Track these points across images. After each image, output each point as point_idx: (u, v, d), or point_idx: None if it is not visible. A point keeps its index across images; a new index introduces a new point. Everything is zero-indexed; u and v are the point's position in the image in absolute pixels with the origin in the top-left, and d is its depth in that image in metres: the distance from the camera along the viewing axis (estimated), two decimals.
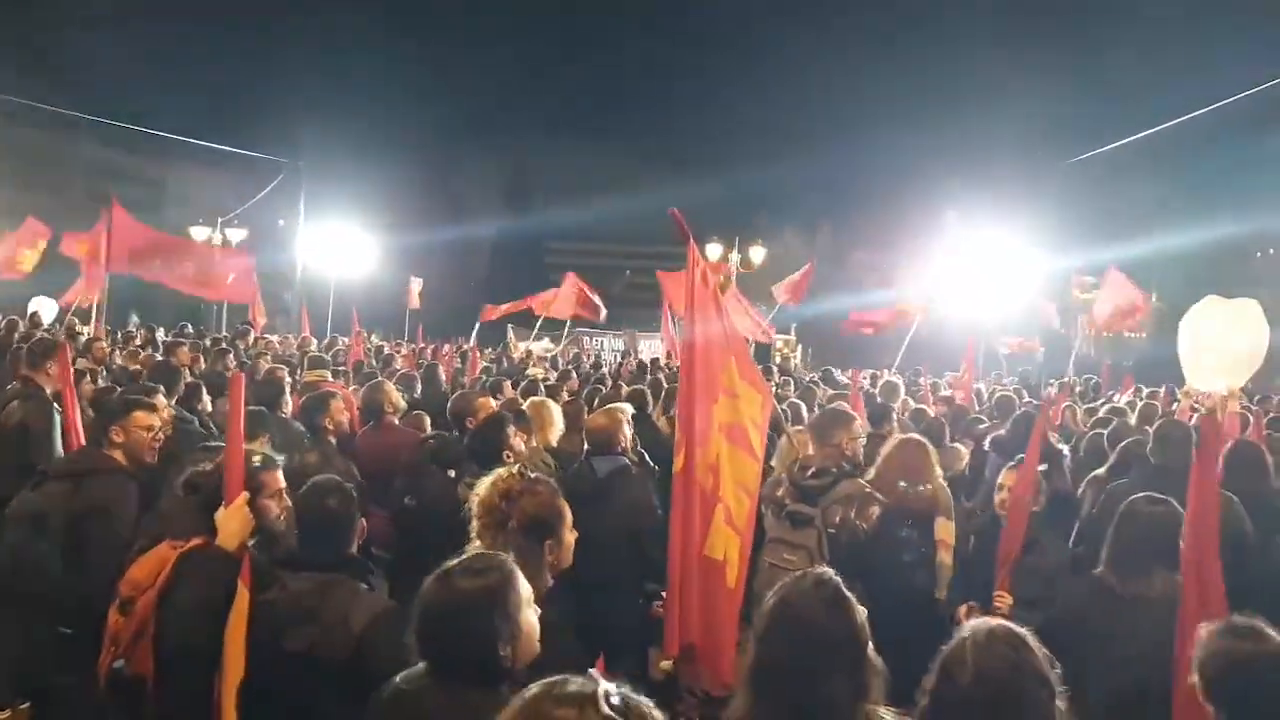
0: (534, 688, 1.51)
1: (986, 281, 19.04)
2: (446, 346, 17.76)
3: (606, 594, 4.24)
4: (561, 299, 17.29)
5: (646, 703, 1.46)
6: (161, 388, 5.80)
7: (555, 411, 6.39)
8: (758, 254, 19.25)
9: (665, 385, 10.15)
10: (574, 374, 12.63)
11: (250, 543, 3.10)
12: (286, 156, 26.88)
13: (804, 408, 8.56)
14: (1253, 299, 9.36)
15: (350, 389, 8.04)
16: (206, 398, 6.82)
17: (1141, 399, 11.61)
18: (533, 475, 2.93)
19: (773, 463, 5.47)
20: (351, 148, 35.09)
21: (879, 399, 9.02)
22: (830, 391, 10.08)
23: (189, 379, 7.26)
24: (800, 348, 25.04)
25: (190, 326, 16.06)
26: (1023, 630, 1.98)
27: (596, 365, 16.02)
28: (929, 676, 2.00)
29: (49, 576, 3.79)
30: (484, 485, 2.86)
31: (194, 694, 2.90)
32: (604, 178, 56.03)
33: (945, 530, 4.59)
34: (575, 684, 1.47)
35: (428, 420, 7.06)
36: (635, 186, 48.06)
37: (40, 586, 3.81)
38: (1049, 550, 4.32)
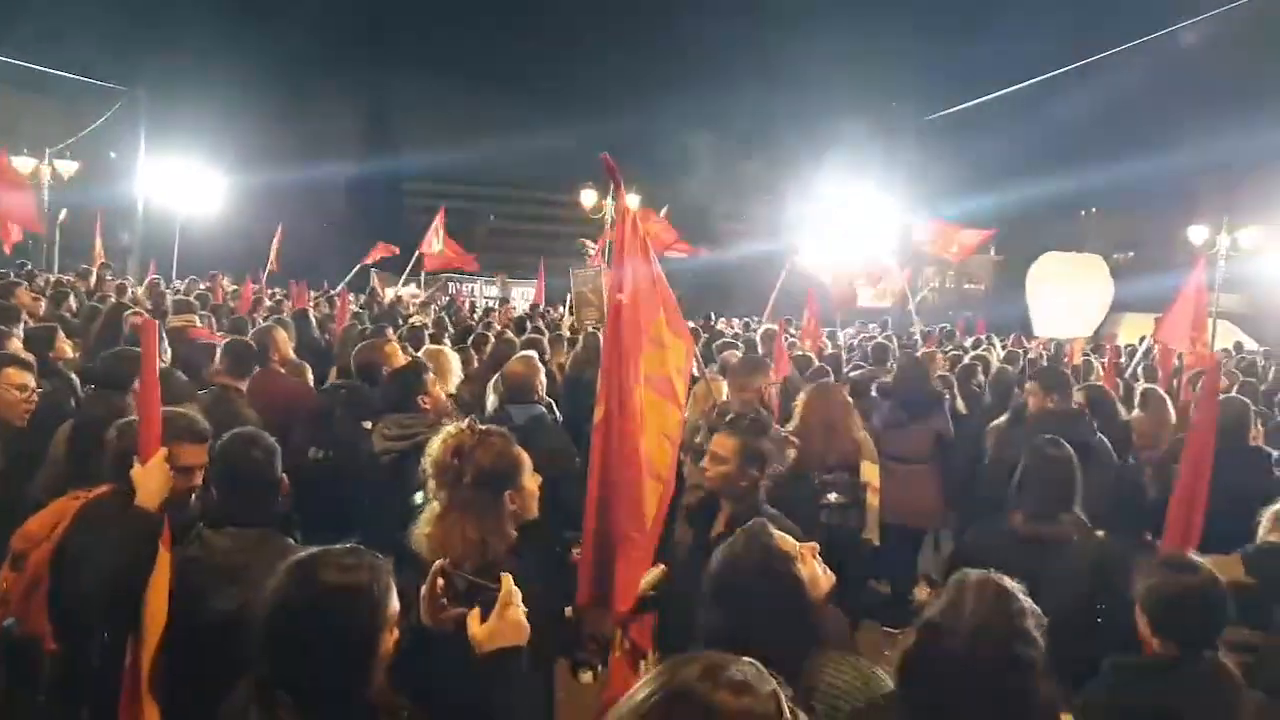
0: (673, 665, 1.28)
1: (844, 234, 19.68)
2: (311, 293, 16.95)
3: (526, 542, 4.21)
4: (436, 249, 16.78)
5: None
6: (13, 332, 5.30)
7: (454, 360, 6.26)
8: (633, 201, 19.09)
9: (546, 333, 10.10)
10: (447, 321, 12.35)
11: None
12: (124, 83, 24.64)
13: None
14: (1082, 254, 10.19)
15: (219, 335, 7.58)
16: (64, 343, 6.26)
17: (998, 347, 12.38)
18: (484, 427, 2.82)
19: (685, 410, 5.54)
20: (197, 77, 32.56)
21: (760, 347, 9.24)
22: (722, 340, 10.24)
23: (34, 324, 6.67)
24: None
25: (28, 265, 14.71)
26: (1013, 584, 2.05)
27: (474, 311, 15.71)
28: (912, 629, 2.06)
29: None
30: (435, 444, 2.74)
31: (101, 656, 2.73)
32: (467, 118, 54.32)
33: (871, 473, 4.75)
34: (740, 669, 1.26)
35: (309, 369, 6.74)
36: (500, 128, 46.89)
37: None
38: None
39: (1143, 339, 12.45)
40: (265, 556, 2.70)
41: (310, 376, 6.50)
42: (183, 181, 23.47)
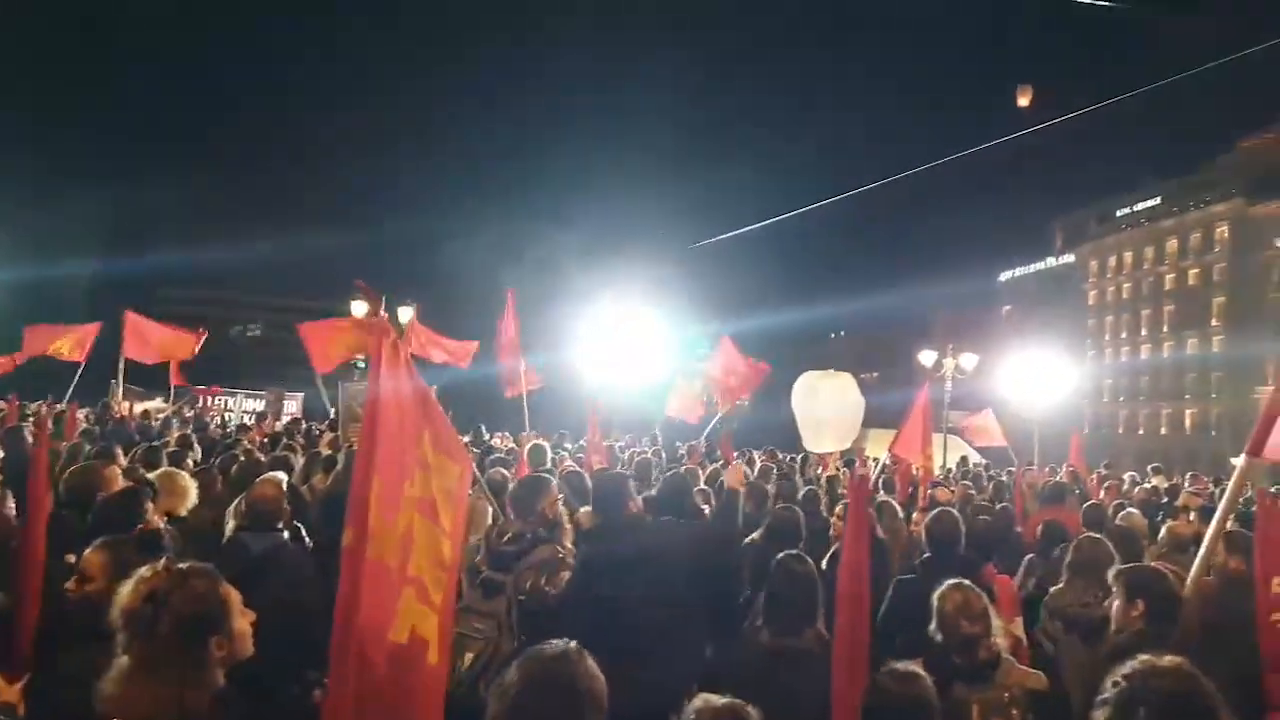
0: None
1: (619, 350, 20.27)
2: (36, 405, 15.14)
3: (259, 684, 3.81)
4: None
5: None
6: None
7: (188, 482, 5.80)
8: (405, 313, 18.70)
9: (301, 452, 9.55)
10: (193, 439, 11.39)
11: None
12: None
13: None
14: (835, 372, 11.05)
15: None
16: None
17: (758, 460, 13.05)
18: (184, 566, 2.54)
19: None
20: None
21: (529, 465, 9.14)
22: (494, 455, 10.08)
23: None
24: None
25: None
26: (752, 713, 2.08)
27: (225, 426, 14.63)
28: None
29: None
30: (125, 589, 2.43)
31: None
32: (229, 221, 51.92)
33: None
34: None
35: (10, 497, 5.95)
36: (267, 231, 45.09)
37: None
38: None
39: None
40: None
41: (11, 504, 5.72)
42: None
